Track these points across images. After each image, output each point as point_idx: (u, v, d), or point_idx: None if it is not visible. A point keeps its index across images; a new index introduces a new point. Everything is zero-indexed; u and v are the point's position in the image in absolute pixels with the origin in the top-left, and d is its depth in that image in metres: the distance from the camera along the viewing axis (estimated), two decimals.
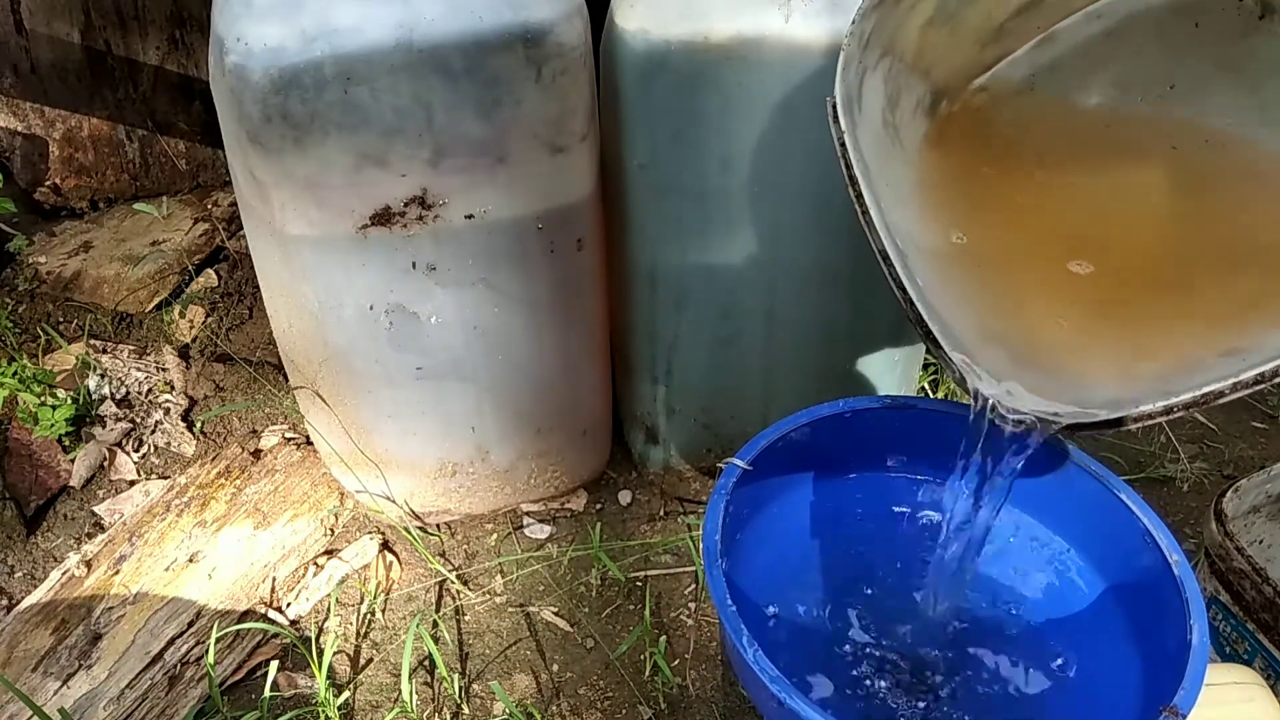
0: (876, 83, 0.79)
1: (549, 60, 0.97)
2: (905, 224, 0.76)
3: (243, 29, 0.90)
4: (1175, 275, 0.78)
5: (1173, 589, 0.76)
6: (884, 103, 0.80)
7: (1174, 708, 0.67)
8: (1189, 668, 0.70)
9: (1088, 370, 0.74)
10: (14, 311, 1.71)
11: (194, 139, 2.00)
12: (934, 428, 0.93)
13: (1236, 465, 1.53)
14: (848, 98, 0.74)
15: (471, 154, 1.00)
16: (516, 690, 1.20)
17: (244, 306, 1.77)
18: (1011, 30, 0.83)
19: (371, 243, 1.04)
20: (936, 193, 0.82)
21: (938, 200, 0.82)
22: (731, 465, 0.85)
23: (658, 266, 1.19)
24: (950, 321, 0.72)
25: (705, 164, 1.07)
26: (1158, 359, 0.72)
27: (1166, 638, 0.75)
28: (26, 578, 1.34)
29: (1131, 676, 0.79)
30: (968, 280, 0.78)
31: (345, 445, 1.28)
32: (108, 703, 1.11)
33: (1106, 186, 0.83)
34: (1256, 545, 1.07)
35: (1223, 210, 0.79)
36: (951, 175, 0.83)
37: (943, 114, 0.85)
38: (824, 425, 0.91)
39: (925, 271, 0.73)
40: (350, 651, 1.24)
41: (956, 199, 0.83)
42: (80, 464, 1.47)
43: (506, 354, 1.19)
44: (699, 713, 1.18)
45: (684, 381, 1.30)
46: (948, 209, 0.82)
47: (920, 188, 0.82)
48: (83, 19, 1.80)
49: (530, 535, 1.40)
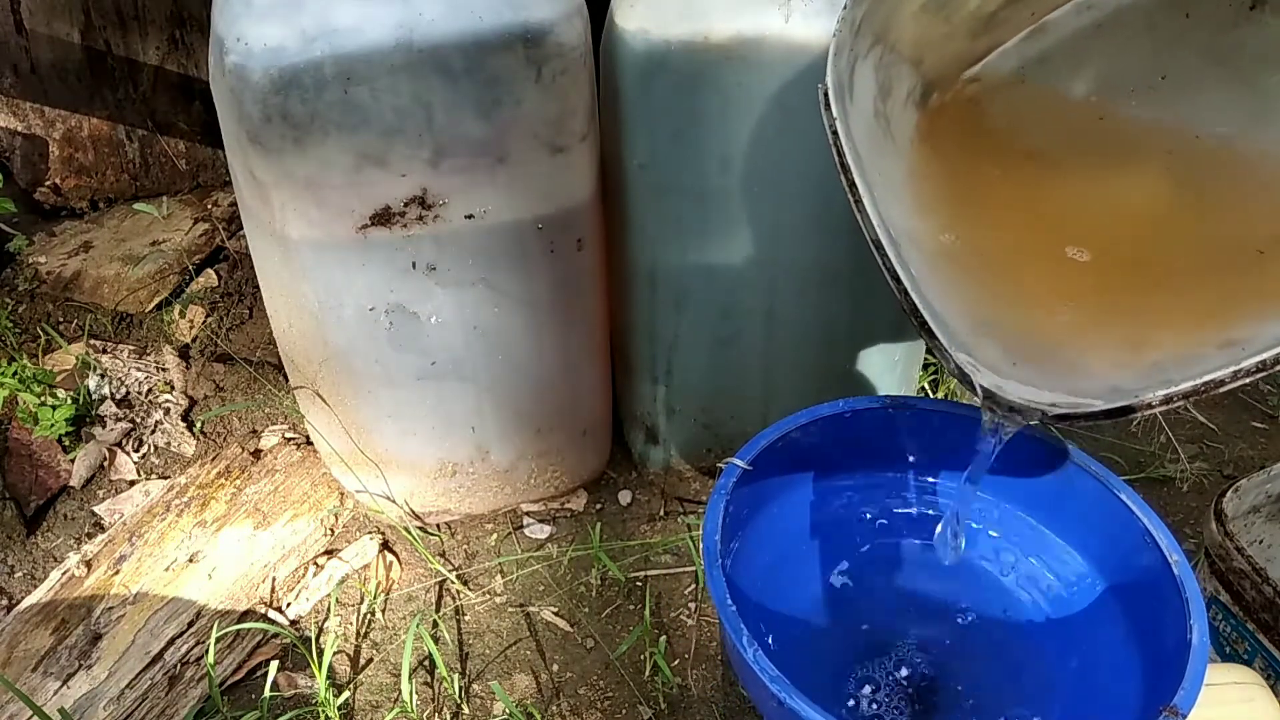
0: (868, 71, 0.78)
1: (549, 60, 0.97)
2: (899, 215, 0.76)
3: (243, 29, 0.90)
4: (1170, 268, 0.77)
5: (1173, 589, 0.76)
6: (875, 91, 0.79)
7: (1174, 708, 0.67)
8: (1189, 668, 0.70)
9: (1085, 361, 0.74)
10: (14, 311, 1.71)
11: (194, 139, 2.00)
12: (934, 428, 0.93)
13: (1236, 465, 1.53)
14: (839, 85, 0.74)
15: (471, 154, 1.00)
16: (516, 690, 1.20)
17: (244, 306, 1.77)
18: (1003, 20, 0.83)
19: (371, 243, 1.04)
20: (928, 184, 0.82)
21: (930, 192, 0.82)
22: (731, 465, 0.85)
23: (658, 266, 1.19)
24: (945, 313, 0.72)
25: (705, 164, 1.07)
26: (1156, 350, 0.71)
27: (1166, 638, 0.75)
28: (26, 578, 1.34)
29: (1131, 676, 0.80)
30: (963, 272, 0.78)
31: (345, 445, 1.28)
32: (108, 703, 1.11)
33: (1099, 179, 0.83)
34: (1256, 545, 1.07)
35: (1216, 202, 0.79)
36: (943, 168, 0.83)
37: (934, 105, 0.85)
38: (824, 425, 0.91)
39: (919, 262, 0.73)
40: (350, 651, 1.24)
41: (948, 192, 0.83)
42: (80, 464, 1.47)
43: (506, 354, 1.19)
44: (699, 713, 1.18)
45: (684, 381, 1.30)
46: (940, 201, 0.82)
47: (912, 179, 0.81)
48: (83, 19, 1.80)
49: (530, 535, 1.40)
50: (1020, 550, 0.94)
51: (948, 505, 0.96)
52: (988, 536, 0.95)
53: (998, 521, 0.94)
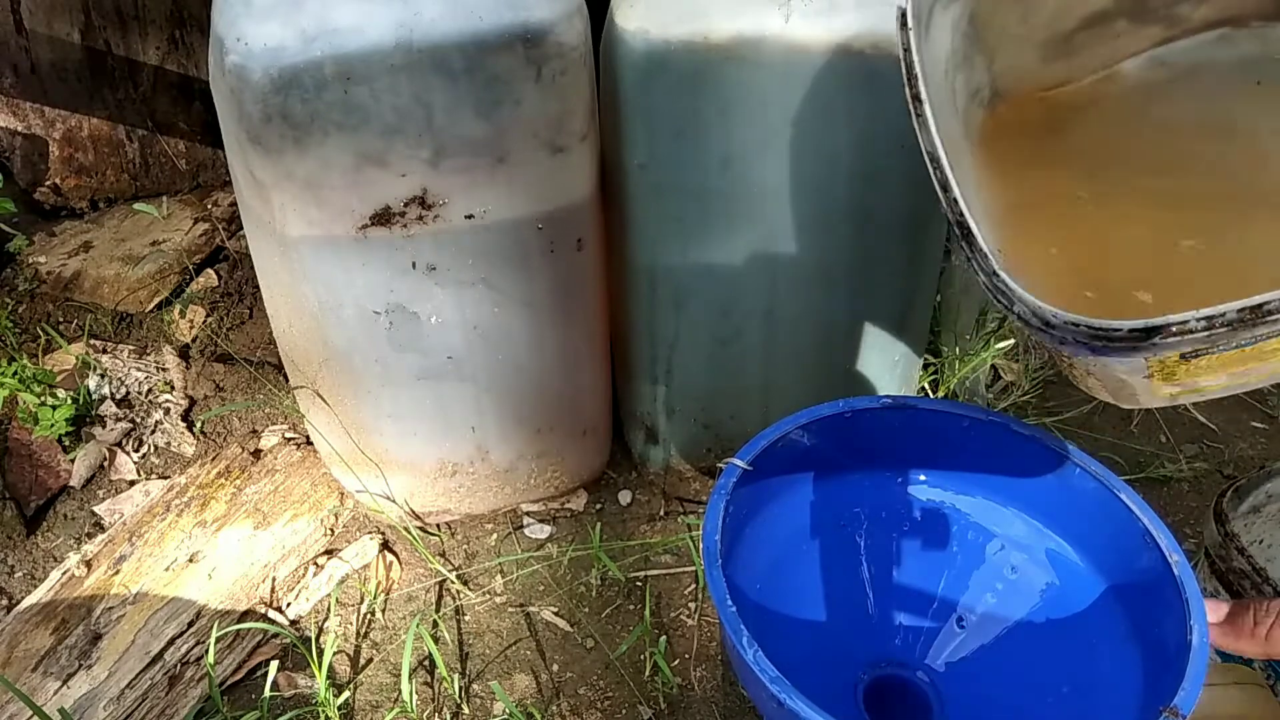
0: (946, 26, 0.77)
1: (549, 60, 0.97)
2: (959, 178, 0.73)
3: (243, 29, 0.90)
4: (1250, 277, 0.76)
5: (1173, 589, 0.76)
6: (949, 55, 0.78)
7: (1174, 708, 0.67)
8: (1189, 668, 0.69)
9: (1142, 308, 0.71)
10: (14, 311, 1.71)
11: (194, 139, 2.00)
12: (934, 428, 0.93)
13: (1236, 465, 1.53)
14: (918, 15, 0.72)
15: (471, 154, 1.00)
16: (516, 690, 1.20)
17: (244, 306, 1.77)
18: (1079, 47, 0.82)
19: (371, 243, 1.04)
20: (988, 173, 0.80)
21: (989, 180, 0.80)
22: (731, 465, 0.85)
23: (658, 266, 1.19)
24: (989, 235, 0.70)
25: (705, 164, 1.07)
26: None
27: (1166, 638, 0.75)
28: (26, 578, 1.34)
29: (1131, 677, 0.79)
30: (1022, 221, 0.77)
31: (345, 445, 1.28)
32: (108, 703, 1.12)
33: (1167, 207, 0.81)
34: (1256, 545, 1.07)
35: None
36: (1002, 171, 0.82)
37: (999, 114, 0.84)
38: (824, 425, 0.91)
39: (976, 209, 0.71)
40: (350, 651, 1.24)
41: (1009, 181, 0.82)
42: (80, 464, 1.47)
43: (506, 354, 1.19)
44: (699, 713, 1.18)
45: (684, 381, 1.30)
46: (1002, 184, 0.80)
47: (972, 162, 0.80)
48: (83, 19, 1.80)
49: (530, 535, 1.40)
50: (1020, 550, 0.94)
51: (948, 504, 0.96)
52: (988, 536, 0.95)
53: (997, 521, 0.95)
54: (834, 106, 1.01)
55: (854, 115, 1.02)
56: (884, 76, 0.97)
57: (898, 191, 1.09)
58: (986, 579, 0.95)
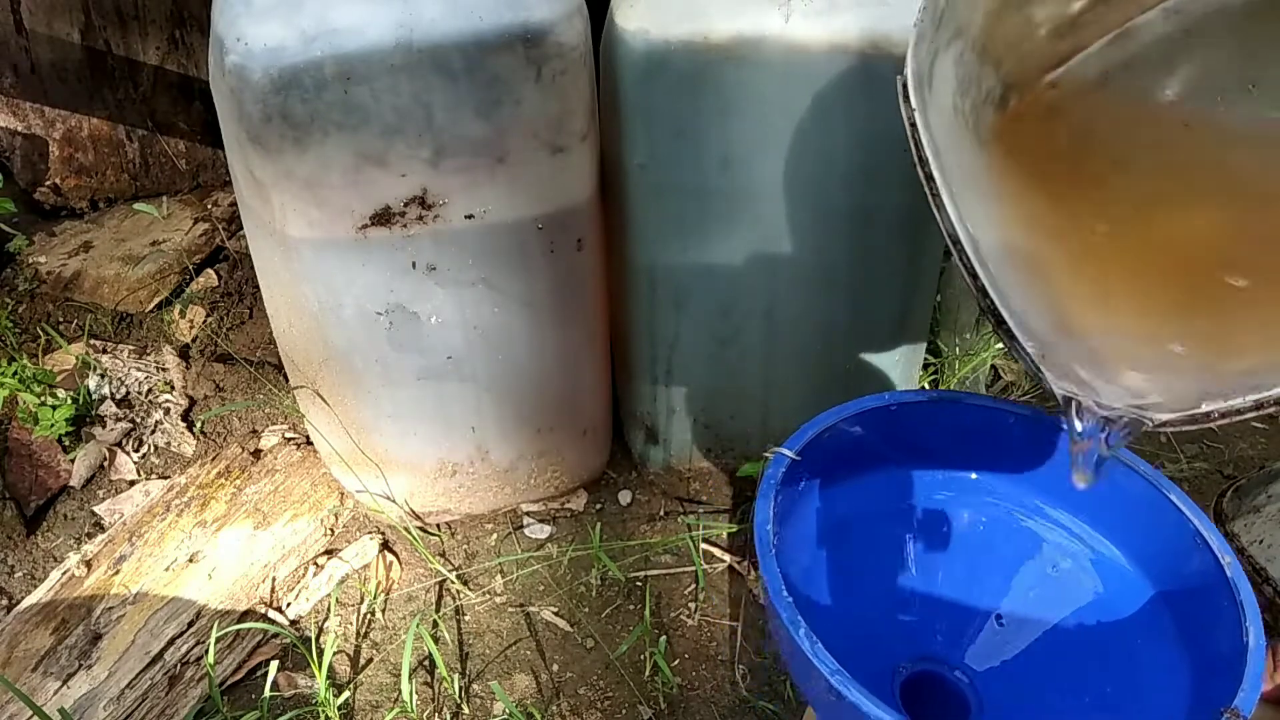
0: (948, 65, 0.77)
1: (549, 60, 0.97)
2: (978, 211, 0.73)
3: (243, 29, 0.90)
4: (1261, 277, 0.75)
5: (1225, 591, 0.75)
6: (955, 86, 0.78)
7: (1235, 710, 0.67)
8: (1247, 669, 0.69)
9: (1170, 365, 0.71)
10: (14, 311, 1.71)
11: (194, 139, 2.00)
12: (978, 423, 0.91)
13: (1236, 465, 1.53)
14: (919, 76, 0.72)
15: (471, 154, 1.00)
16: (516, 690, 1.20)
17: (244, 306, 1.77)
18: (1087, 23, 0.81)
19: (371, 243, 1.04)
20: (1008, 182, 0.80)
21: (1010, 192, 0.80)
22: (780, 455, 0.83)
23: (658, 266, 1.19)
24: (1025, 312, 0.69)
25: (705, 164, 1.07)
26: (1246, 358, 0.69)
27: (1219, 641, 0.74)
28: (26, 578, 1.34)
29: (1180, 680, 0.78)
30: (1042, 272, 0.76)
31: (345, 445, 1.28)
32: (108, 703, 1.11)
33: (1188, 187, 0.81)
34: (1256, 545, 1.07)
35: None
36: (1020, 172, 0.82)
37: (1012, 109, 0.84)
38: (870, 417, 0.89)
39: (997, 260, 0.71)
40: (350, 651, 1.24)
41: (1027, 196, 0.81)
42: (80, 464, 1.47)
43: (506, 354, 1.19)
44: (699, 713, 1.18)
45: (684, 381, 1.30)
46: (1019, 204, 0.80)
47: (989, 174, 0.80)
48: (83, 19, 1.80)
49: (530, 535, 1.40)
50: (1064, 553, 0.92)
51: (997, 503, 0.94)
52: (1033, 536, 0.93)
53: (1043, 521, 0.93)
54: (833, 106, 1.01)
55: (853, 115, 1.02)
56: (883, 77, 0.97)
57: (897, 191, 1.09)
58: (1030, 580, 0.93)
